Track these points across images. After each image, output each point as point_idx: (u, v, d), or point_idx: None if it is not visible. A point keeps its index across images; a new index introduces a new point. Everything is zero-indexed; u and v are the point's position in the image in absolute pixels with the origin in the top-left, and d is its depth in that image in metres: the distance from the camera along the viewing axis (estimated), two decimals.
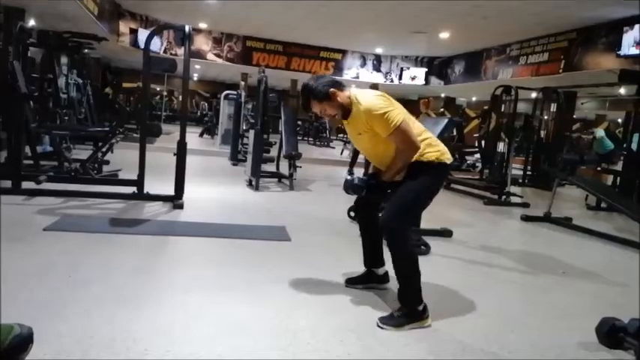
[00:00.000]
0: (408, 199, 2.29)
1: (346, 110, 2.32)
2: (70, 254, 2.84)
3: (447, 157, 2.37)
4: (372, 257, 2.67)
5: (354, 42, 13.17)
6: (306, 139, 16.46)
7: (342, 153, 11.94)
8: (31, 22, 8.87)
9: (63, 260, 2.72)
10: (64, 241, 3.09)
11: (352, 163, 8.50)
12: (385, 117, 2.19)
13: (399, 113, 2.23)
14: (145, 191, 4.40)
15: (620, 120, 13.87)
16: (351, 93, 2.32)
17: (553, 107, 9.39)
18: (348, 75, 14.47)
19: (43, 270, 2.53)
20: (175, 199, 4.38)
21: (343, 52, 14.30)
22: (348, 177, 2.47)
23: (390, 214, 2.25)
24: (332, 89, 2.29)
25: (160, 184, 4.70)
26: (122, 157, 6.05)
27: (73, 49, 7.23)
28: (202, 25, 12.66)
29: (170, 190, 4.42)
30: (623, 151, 8.04)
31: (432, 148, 2.33)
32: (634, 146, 7.34)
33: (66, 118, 7.00)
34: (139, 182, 4.38)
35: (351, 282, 2.70)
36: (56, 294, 2.24)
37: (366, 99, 2.26)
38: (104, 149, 5.25)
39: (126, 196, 4.39)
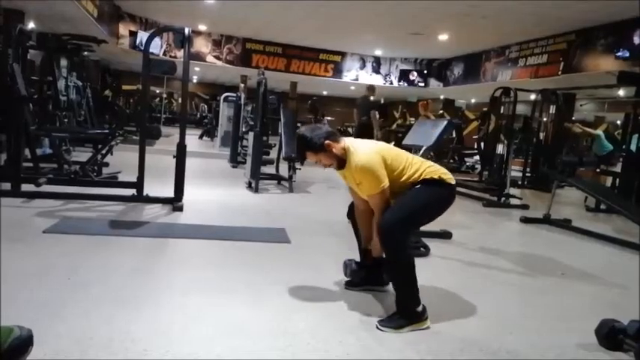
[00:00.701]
0: (413, 206, 2.30)
1: (341, 160, 2.34)
2: (69, 256, 2.85)
3: (451, 178, 2.40)
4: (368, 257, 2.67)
5: (353, 44, 13.20)
6: None
7: None
8: (31, 25, 8.88)
9: (62, 262, 2.73)
10: (64, 243, 3.09)
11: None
12: (374, 179, 2.24)
13: (385, 179, 2.25)
14: (144, 193, 4.40)
15: (619, 122, 13.89)
16: (346, 144, 2.35)
17: (552, 109, 9.40)
18: (347, 77, 14.50)
19: (43, 271, 2.53)
20: (175, 202, 4.38)
21: (342, 54, 14.32)
22: (347, 261, 2.63)
23: (389, 218, 2.24)
24: (327, 141, 2.31)
25: (160, 186, 4.70)
26: (122, 160, 6.05)
27: (73, 51, 7.24)
28: (202, 27, 12.68)
29: (170, 193, 4.42)
30: (622, 153, 8.06)
31: (433, 171, 2.36)
32: (633, 147, 7.36)
33: (65, 120, 7.01)
34: (139, 184, 4.38)
35: (351, 284, 2.71)
36: (55, 295, 2.24)
37: (362, 155, 2.28)
38: (104, 151, 5.26)
39: (125, 198, 4.40)
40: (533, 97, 9.28)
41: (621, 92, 11.46)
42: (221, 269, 2.90)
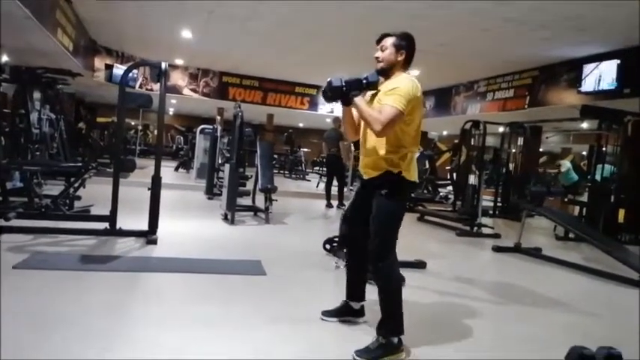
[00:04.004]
0: (388, 225, 2.39)
1: (391, 67, 2.44)
2: (39, 292, 2.78)
3: (416, 176, 2.48)
4: (355, 289, 2.69)
5: (329, 78, 13.51)
6: (282, 172, 16.53)
7: (317, 186, 12.02)
8: (4, 58, 8.82)
9: (32, 299, 2.66)
10: (34, 279, 3.02)
11: (328, 196, 8.60)
12: (405, 97, 2.27)
13: (407, 105, 2.27)
14: (117, 227, 4.35)
15: (584, 152, 14.43)
16: (405, 74, 2.45)
17: (520, 141, 9.74)
18: (322, 110, 14.74)
19: (12, 309, 2.46)
20: (149, 235, 4.33)
21: (318, 88, 14.59)
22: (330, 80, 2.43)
23: (376, 250, 2.36)
24: (407, 54, 2.46)
25: (134, 219, 4.64)
26: (95, 193, 5.96)
27: (47, 84, 7.18)
28: (179, 61, 12.78)
29: (144, 226, 4.37)
30: (587, 183, 8.37)
31: (407, 164, 2.40)
32: (598, 177, 7.66)
33: (37, 153, 6.90)
34: (112, 218, 4.33)
35: (327, 315, 2.72)
36: (26, 333, 2.18)
37: (408, 81, 2.36)
38: (76, 185, 5.18)
39: (98, 232, 4.33)
40: (501, 129, 9.61)
41: (585, 125, 11.96)
42: (196, 303, 2.87)
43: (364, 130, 2.51)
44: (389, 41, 2.47)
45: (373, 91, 2.45)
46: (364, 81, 2.37)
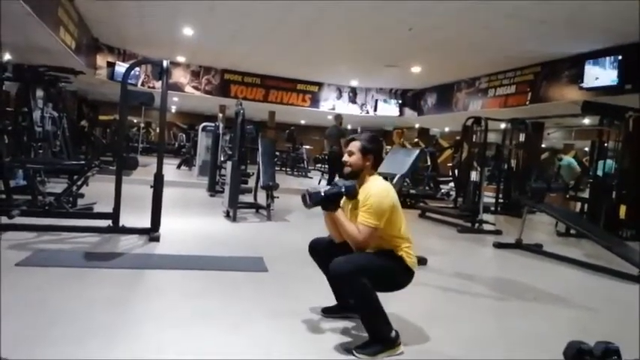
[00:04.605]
0: (367, 261, 2.34)
1: (360, 171, 2.47)
2: (42, 289, 2.81)
3: (415, 266, 2.50)
4: (341, 292, 2.70)
5: (330, 75, 13.49)
6: (284, 169, 16.55)
7: (319, 183, 12.04)
8: (7, 56, 8.85)
9: (35, 295, 2.69)
10: (37, 277, 3.05)
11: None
12: (378, 211, 2.31)
13: (381, 219, 2.32)
14: (120, 224, 4.38)
15: (586, 149, 14.40)
16: (376, 176, 2.51)
17: (522, 137, 9.73)
18: (324, 107, 14.74)
19: (15, 306, 2.49)
20: (151, 232, 4.36)
21: (319, 85, 14.59)
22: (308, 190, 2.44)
23: (343, 262, 2.28)
24: (374, 158, 2.49)
25: (137, 216, 4.68)
26: (98, 190, 6.00)
27: (49, 82, 7.21)
28: (180, 59, 12.80)
29: (146, 223, 4.40)
30: (589, 179, 8.36)
31: (407, 252, 2.44)
32: (599, 173, 7.66)
33: (40, 151, 6.93)
34: (115, 215, 4.36)
35: (328, 311, 2.74)
36: (29, 329, 2.21)
37: (386, 185, 2.45)
38: (79, 183, 5.21)
39: (101, 229, 4.36)
40: (503, 125, 9.61)
41: (587, 121, 11.94)
42: (198, 299, 2.90)
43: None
44: (355, 146, 2.49)
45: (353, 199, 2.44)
46: (343, 191, 2.40)
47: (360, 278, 2.23)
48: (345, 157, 2.52)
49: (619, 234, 6.84)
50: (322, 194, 2.38)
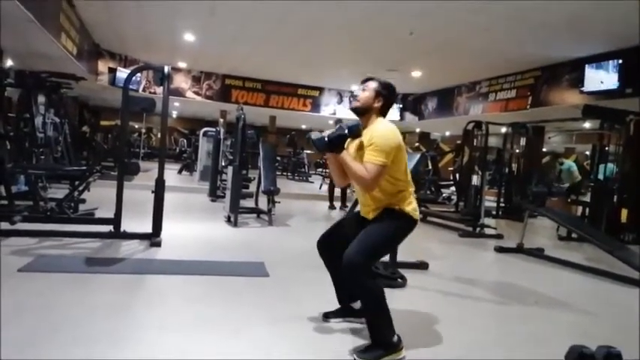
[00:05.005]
0: (376, 239, 2.36)
1: (368, 109, 2.45)
2: (44, 295, 2.82)
3: (417, 215, 2.48)
4: (344, 293, 2.71)
5: (331, 79, 13.52)
6: (285, 174, 16.56)
7: (320, 187, 12.05)
8: (9, 62, 8.89)
9: (37, 301, 2.70)
10: (39, 282, 3.06)
11: (331, 198, 8.62)
12: (384, 149, 2.28)
13: (388, 156, 2.29)
14: (121, 229, 4.38)
15: (588, 152, 14.40)
16: (382, 119, 2.47)
17: (522, 141, 9.74)
18: (325, 111, 14.76)
19: (18, 311, 2.50)
20: (153, 237, 4.36)
21: (320, 90, 14.62)
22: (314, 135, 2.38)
23: (354, 251, 2.27)
24: (385, 103, 2.47)
25: (138, 221, 4.68)
26: (99, 196, 6.01)
27: (51, 88, 7.24)
28: (181, 65, 12.84)
29: (148, 228, 4.41)
30: (590, 183, 8.35)
31: (409, 201, 2.44)
32: (600, 177, 7.66)
33: (42, 157, 6.96)
34: (116, 221, 4.37)
35: (329, 316, 2.74)
36: (31, 335, 2.22)
37: (392, 127, 2.38)
38: (81, 188, 5.23)
39: (102, 235, 4.37)
40: (504, 129, 9.62)
41: (587, 124, 11.94)
42: (199, 304, 2.90)
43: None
44: (371, 85, 2.50)
45: (358, 138, 2.43)
46: (346, 131, 2.35)
47: (372, 281, 2.27)
48: (358, 92, 2.51)
49: (620, 238, 6.83)
50: (326, 139, 2.33)
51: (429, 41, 8.27)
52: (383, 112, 2.49)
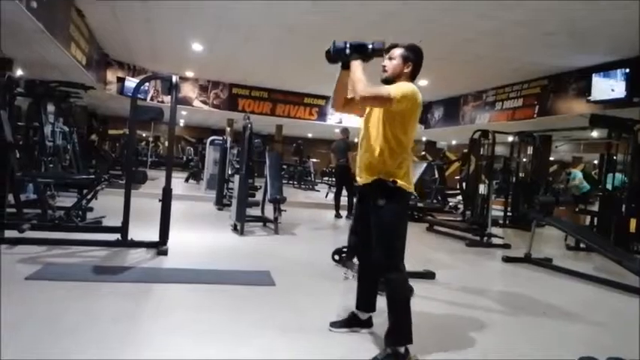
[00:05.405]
0: (390, 237, 2.39)
1: (396, 77, 2.49)
2: (52, 303, 2.83)
3: (411, 185, 2.49)
4: (366, 301, 2.71)
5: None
6: (291, 182, 16.58)
7: (326, 196, 12.04)
8: (19, 72, 9.02)
9: (45, 309, 2.71)
10: (47, 290, 3.07)
11: (337, 206, 8.62)
12: (397, 86, 2.36)
13: (397, 96, 2.30)
14: (129, 238, 4.40)
15: (596, 161, 14.31)
16: (409, 82, 2.49)
17: (529, 150, 9.70)
18: (331, 120, 14.80)
19: (25, 319, 2.51)
20: (160, 246, 4.38)
21: (327, 98, 14.67)
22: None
23: (383, 257, 2.37)
24: (414, 67, 2.50)
25: (145, 230, 4.70)
26: (107, 204, 6.05)
27: (60, 97, 7.33)
28: (189, 74, 12.95)
29: (155, 236, 4.43)
30: (598, 192, 8.29)
31: (404, 173, 2.44)
32: (609, 187, 7.60)
33: (51, 165, 7.02)
34: (123, 229, 4.39)
35: (336, 325, 2.73)
36: (38, 343, 2.23)
37: (410, 85, 2.43)
38: (88, 196, 5.26)
39: (110, 243, 4.39)
40: (510, 138, 9.59)
41: (595, 133, 11.88)
42: (205, 313, 2.90)
43: (365, 124, 2.57)
44: (397, 52, 2.51)
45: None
46: (370, 46, 2.38)
47: (405, 277, 2.40)
48: (385, 62, 2.51)
49: (629, 248, 6.76)
50: (346, 45, 2.35)
51: (436, 50, 8.30)
52: (413, 75, 2.52)
